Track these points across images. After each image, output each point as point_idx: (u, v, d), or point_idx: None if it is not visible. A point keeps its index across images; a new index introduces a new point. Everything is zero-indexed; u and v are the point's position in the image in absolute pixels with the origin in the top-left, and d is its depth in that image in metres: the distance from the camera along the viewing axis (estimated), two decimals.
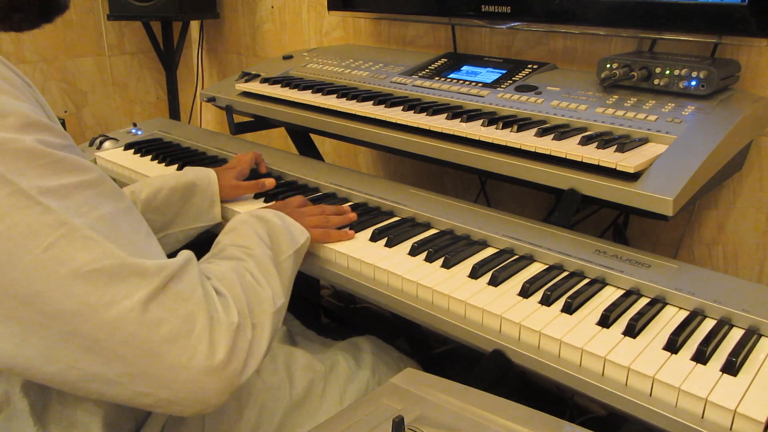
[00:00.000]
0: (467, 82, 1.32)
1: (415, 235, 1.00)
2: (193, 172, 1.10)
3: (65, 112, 2.33)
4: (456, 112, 1.17)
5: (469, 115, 1.14)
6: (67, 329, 0.55)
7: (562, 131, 1.04)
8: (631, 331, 0.74)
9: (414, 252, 0.94)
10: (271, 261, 0.79)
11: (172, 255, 0.64)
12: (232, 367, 0.62)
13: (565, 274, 0.88)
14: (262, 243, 0.81)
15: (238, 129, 1.56)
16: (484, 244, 0.97)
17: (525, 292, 0.83)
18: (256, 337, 0.67)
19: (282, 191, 1.17)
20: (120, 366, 0.57)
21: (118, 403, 0.65)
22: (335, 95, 1.34)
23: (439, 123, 1.13)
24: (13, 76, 0.60)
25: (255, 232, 0.83)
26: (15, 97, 0.58)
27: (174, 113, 2.46)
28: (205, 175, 1.10)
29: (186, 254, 0.65)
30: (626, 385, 0.69)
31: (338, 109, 1.29)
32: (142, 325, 0.57)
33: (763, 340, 0.74)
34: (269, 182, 1.16)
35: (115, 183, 0.64)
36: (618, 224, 1.36)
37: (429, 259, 0.92)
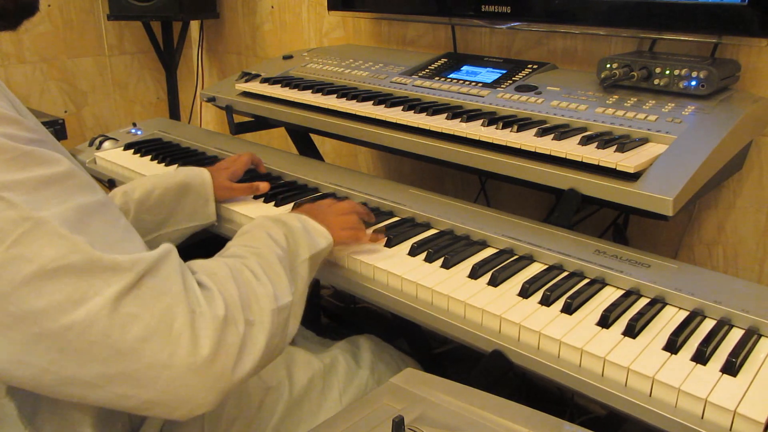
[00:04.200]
0: (467, 82, 1.32)
1: (414, 236, 1.00)
2: (185, 172, 1.09)
3: (65, 112, 2.33)
4: (456, 112, 1.17)
5: (469, 115, 1.14)
6: (36, 330, 0.53)
7: (562, 131, 1.04)
8: (631, 331, 0.74)
9: (414, 252, 0.94)
10: (279, 260, 0.75)
11: None
12: (220, 363, 0.58)
13: (564, 274, 0.88)
14: (273, 244, 0.78)
15: (238, 129, 1.56)
16: (483, 245, 0.97)
17: (525, 292, 0.83)
18: (252, 334, 0.63)
19: (282, 191, 1.17)
20: (96, 367, 0.54)
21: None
22: (335, 95, 1.34)
23: (439, 123, 1.13)
24: None
25: (268, 234, 0.80)
26: None
27: (174, 113, 2.46)
28: (199, 174, 1.09)
29: (165, 246, 0.62)
30: (626, 385, 0.69)
31: (338, 109, 1.29)
32: (113, 323, 0.54)
33: (763, 340, 0.74)
34: (263, 186, 1.14)
35: (89, 176, 0.61)
36: (618, 224, 1.36)
37: (429, 259, 0.92)
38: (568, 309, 0.79)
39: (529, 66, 1.34)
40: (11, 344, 0.53)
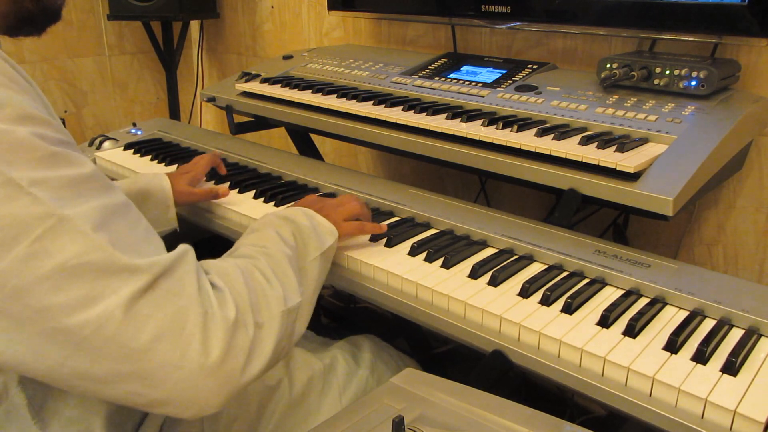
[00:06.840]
0: (467, 82, 1.32)
1: (414, 235, 1.00)
2: (145, 179, 1.10)
3: (65, 112, 2.33)
4: (456, 112, 1.17)
5: (469, 115, 1.14)
6: (54, 325, 0.54)
7: (562, 131, 1.04)
8: (631, 331, 0.74)
9: (414, 252, 0.94)
10: (288, 260, 0.76)
11: None
12: (229, 366, 0.60)
13: (565, 274, 0.88)
14: (282, 243, 0.79)
15: (238, 129, 1.56)
16: (483, 244, 0.97)
17: (525, 292, 0.83)
18: (261, 337, 0.64)
19: (282, 191, 1.17)
20: (108, 364, 0.56)
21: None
22: (335, 95, 1.34)
23: (439, 123, 1.13)
24: (14, 73, 0.59)
25: (277, 233, 0.80)
26: (14, 91, 0.57)
27: (174, 113, 2.46)
28: (158, 181, 1.10)
29: (182, 248, 0.63)
30: (626, 385, 0.69)
31: (338, 109, 1.29)
32: (126, 322, 0.55)
33: (763, 340, 0.74)
34: (222, 191, 1.14)
35: (110, 180, 0.63)
36: (618, 224, 1.36)
37: (429, 259, 0.92)
38: (568, 309, 0.79)
39: (529, 66, 1.34)
40: (30, 337, 0.55)
